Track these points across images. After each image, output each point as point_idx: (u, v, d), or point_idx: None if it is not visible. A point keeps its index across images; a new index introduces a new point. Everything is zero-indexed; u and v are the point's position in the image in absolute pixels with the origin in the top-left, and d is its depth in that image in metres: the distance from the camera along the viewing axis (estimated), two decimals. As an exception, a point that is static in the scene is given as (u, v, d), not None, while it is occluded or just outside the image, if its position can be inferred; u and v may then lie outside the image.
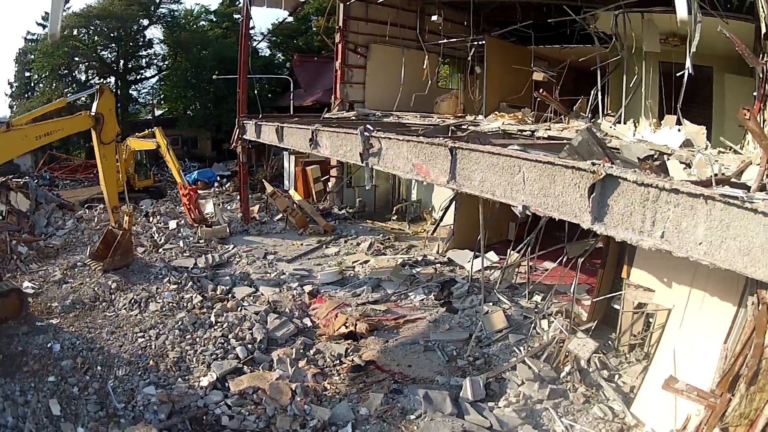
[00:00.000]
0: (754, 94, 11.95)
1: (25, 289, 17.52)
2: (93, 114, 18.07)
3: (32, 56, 48.97)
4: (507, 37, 26.81)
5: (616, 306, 14.53)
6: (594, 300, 14.84)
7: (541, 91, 17.83)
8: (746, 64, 11.27)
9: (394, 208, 29.62)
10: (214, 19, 59.22)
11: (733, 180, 8.88)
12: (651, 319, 13.33)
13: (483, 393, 12.62)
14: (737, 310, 10.01)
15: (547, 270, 18.59)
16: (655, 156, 11.91)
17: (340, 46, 29.83)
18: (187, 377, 13.46)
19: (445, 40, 27.86)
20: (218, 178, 40.99)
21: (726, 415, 8.11)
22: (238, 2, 55.09)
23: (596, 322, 14.62)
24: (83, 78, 50.75)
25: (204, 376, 13.39)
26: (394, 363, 14.18)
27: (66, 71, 48.84)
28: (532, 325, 15.58)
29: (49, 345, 14.12)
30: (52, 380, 12.63)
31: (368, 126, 14.30)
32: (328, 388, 13.17)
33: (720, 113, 17.24)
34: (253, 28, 45.80)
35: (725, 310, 10.42)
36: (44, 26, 49.62)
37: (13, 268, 19.94)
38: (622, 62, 17.78)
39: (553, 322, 15.22)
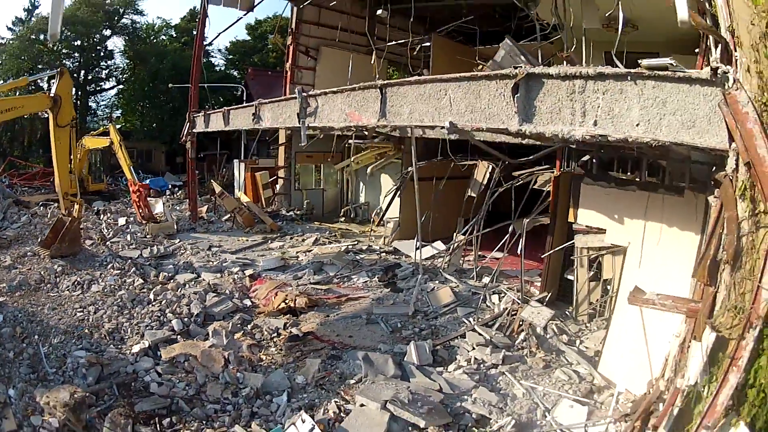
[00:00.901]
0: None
1: (-27, 274, 17.25)
2: (51, 95, 18.31)
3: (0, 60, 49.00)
4: (454, 37, 27.03)
5: (570, 277, 14.40)
6: (544, 268, 14.89)
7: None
8: (691, 43, 11.22)
9: (342, 211, 29.72)
10: (174, 34, 59.79)
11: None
12: (609, 285, 13.16)
13: (430, 358, 12.20)
14: (701, 239, 9.70)
15: (496, 258, 18.33)
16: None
17: (291, 48, 30.15)
18: (119, 346, 13.12)
19: (393, 42, 27.94)
20: (170, 187, 40.89)
21: (714, 315, 7.25)
22: (198, 17, 55.68)
23: (550, 294, 14.49)
24: (45, 86, 50.84)
25: (136, 344, 13.01)
26: (334, 334, 13.76)
27: (31, 74, 48.92)
28: (481, 298, 15.35)
29: None
30: None
31: (304, 87, 14.36)
32: (264, 358, 12.70)
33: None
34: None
35: (687, 241, 10.25)
36: (13, 31, 50.15)
37: (-37, 257, 19.75)
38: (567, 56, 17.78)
39: (504, 295, 15.07)
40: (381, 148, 26.28)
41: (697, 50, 10.63)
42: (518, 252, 15.07)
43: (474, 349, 12.54)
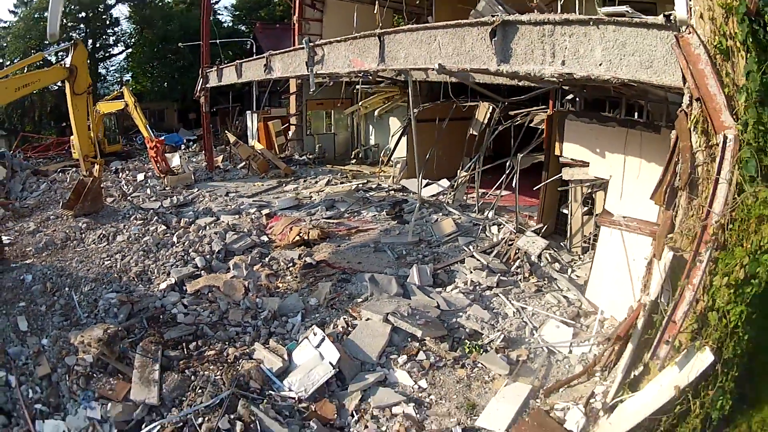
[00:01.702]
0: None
1: (0, 241, 18.18)
2: (67, 66, 19.05)
3: (4, 43, 49.02)
4: None
5: (566, 211, 15.27)
6: (540, 201, 15.73)
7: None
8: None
9: (353, 153, 30.56)
10: None
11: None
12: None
13: (431, 280, 13.29)
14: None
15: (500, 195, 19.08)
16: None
17: (298, 0, 30.49)
18: (147, 285, 14.11)
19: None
20: (185, 141, 41.74)
21: (673, 236, 8.18)
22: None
23: (546, 227, 15.51)
24: (53, 60, 50.55)
25: (164, 282, 14.01)
26: (345, 261, 14.85)
27: (37, 52, 48.74)
28: (481, 229, 16.29)
29: (21, 277, 14.61)
30: (22, 305, 13.11)
31: (311, 38, 15.13)
32: (281, 286, 13.80)
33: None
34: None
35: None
36: (16, 14, 49.93)
37: (-12, 228, 20.30)
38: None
39: (503, 226, 16.00)
40: (388, 93, 26.80)
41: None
42: (515, 186, 16.13)
43: (472, 272, 13.55)
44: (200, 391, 9.68)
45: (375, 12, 26.55)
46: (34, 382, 10.31)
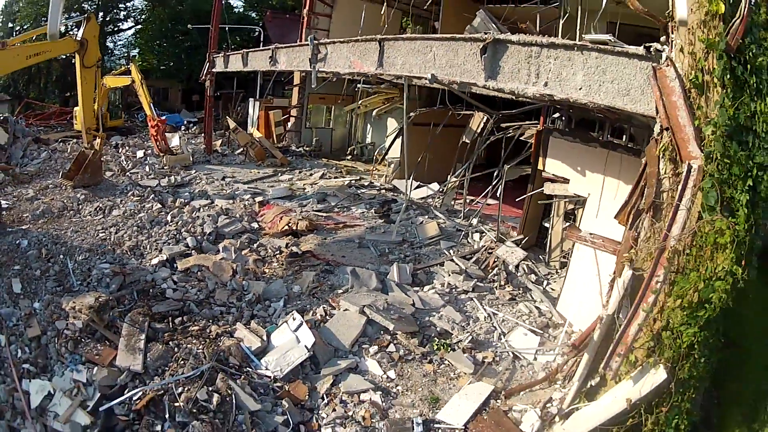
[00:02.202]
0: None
1: (-2, 205, 18.52)
2: (79, 39, 19.43)
3: (17, 8, 49.01)
4: None
5: (547, 225, 15.90)
6: (523, 212, 16.36)
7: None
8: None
9: (349, 149, 31.14)
10: None
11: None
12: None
13: (410, 279, 13.97)
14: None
15: (487, 204, 19.64)
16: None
17: None
18: (140, 260, 14.68)
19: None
20: (186, 123, 42.06)
21: (634, 256, 8.70)
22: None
23: (527, 239, 16.13)
24: (63, 29, 50.47)
25: (155, 258, 14.62)
26: (329, 254, 15.46)
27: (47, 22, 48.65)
28: (464, 235, 16.90)
29: (17, 242, 14.95)
30: (17, 268, 13.55)
31: (316, 36, 15.68)
32: (267, 271, 14.44)
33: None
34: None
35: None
36: None
37: (-13, 191, 20.66)
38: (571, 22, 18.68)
39: (485, 234, 16.59)
40: (388, 94, 27.42)
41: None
42: (499, 196, 16.74)
43: (450, 275, 14.23)
44: (182, 362, 10.28)
45: (382, 12, 27.37)
46: (24, 343, 10.78)
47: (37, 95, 45.17)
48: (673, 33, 8.16)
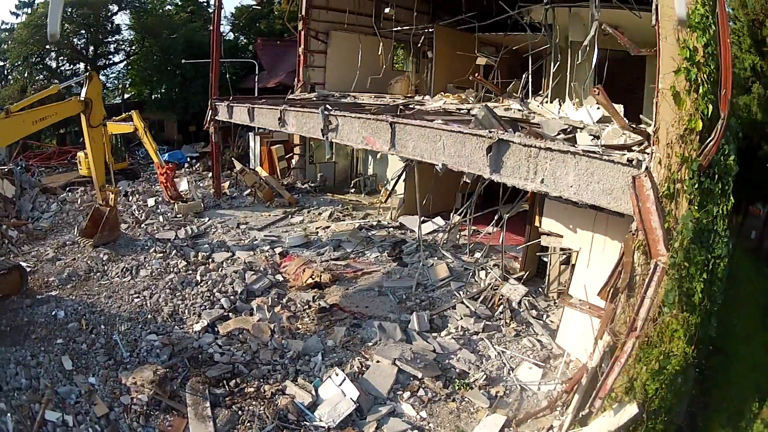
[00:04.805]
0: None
1: (22, 268, 18.12)
2: (82, 99, 19.54)
3: (5, 46, 49.11)
4: (456, 25, 28.67)
5: (546, 259, 17.48)
6: (524, 250, 17.87)
7: (477, 75, 19.96)
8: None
9: (352, 182, 32.29)
10: (179, 2, 59.19)
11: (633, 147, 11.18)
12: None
13: (428, 326, 15.65)
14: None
15: (488, 233, 21.21)
16: (569, 129, 13.70)
17: (303, 33, 31.78)
18: (182, 326, 15.75)
19: (398, 28, 30.17)
20: (188, 159, 42.42)
21: (614, 323, 10.61)
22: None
23: (528, 272, 17.69)
24: (54, 65, 50.93)
25: (196, 323, 15.78)
26: (354, 305, 17.04)
27: (38, 59, 49.00)
28: (471, 274, 18.47)
29: (53, 313, 15.36)
30: (61, 342, 14.05)
31: (327, 106, 17.13)
32: (300, 327, 15.93)
33: (651, 95, 19.38)
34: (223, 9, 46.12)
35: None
36: (17, 15, 49.98)
37: (6, 252, 20.47)
38: (555, 48, 20.04)
39: (489, 272, 18.15)
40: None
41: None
42: (504, 232, 18.10)
43: (461, 319, 16.00)
44: (249, 424, 11.75)
45: (379, 53, 28.48)
46: (93, 421, 11.43)
47: (32, 134, 45.16)
48: (654, 145, 9.73)
